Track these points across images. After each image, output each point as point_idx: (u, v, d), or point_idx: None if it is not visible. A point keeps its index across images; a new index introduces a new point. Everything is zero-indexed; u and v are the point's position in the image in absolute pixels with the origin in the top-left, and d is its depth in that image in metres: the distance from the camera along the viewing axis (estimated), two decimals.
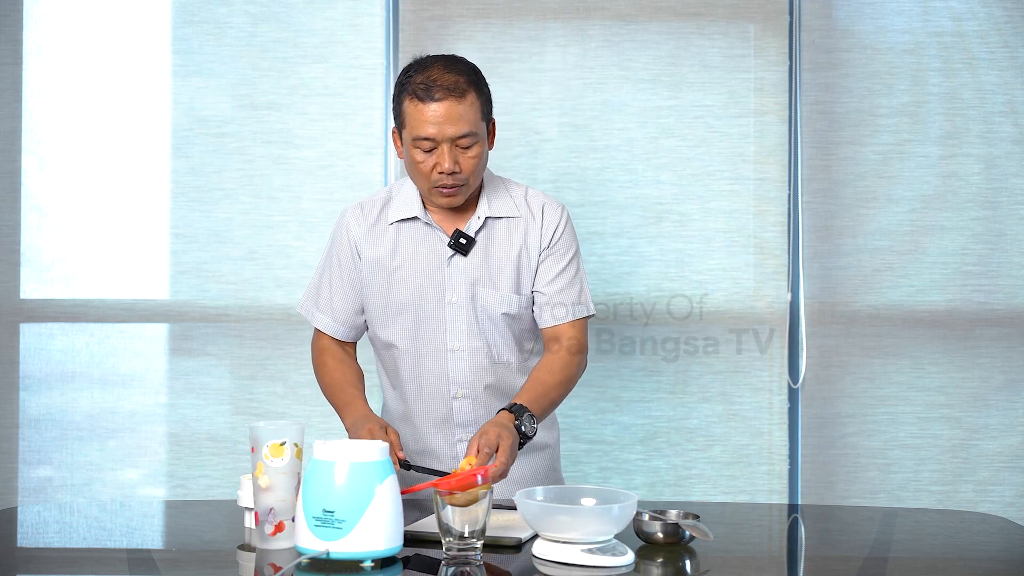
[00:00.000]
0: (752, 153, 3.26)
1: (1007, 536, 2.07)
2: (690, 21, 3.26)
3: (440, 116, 2.14)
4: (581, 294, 2.33)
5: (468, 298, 2.26)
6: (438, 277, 2.27)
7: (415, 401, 2.31)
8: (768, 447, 3.26)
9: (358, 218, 2.32)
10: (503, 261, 2.28)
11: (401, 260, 2.28)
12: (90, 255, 3.28)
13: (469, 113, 2.17)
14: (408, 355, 2.30)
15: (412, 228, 2.29)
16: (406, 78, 2.19)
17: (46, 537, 2.06)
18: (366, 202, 2.35)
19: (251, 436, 1.81)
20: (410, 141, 2.18)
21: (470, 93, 2.18)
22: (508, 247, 2.29)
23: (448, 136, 2.15)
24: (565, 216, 2.34)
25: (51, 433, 3.27)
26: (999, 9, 3.26)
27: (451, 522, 1.73)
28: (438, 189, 2.20)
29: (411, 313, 2.27)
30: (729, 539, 1.97)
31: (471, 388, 2.28)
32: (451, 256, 2.27)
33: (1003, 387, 3.27)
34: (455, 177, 2.18)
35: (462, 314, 2.27)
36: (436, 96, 2.14)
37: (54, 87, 3.28)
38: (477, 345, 2.27)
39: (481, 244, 2.28)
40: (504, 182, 2.35)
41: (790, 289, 3.26)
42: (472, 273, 2.27)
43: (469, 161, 2.19)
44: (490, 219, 2.29)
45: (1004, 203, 3.27)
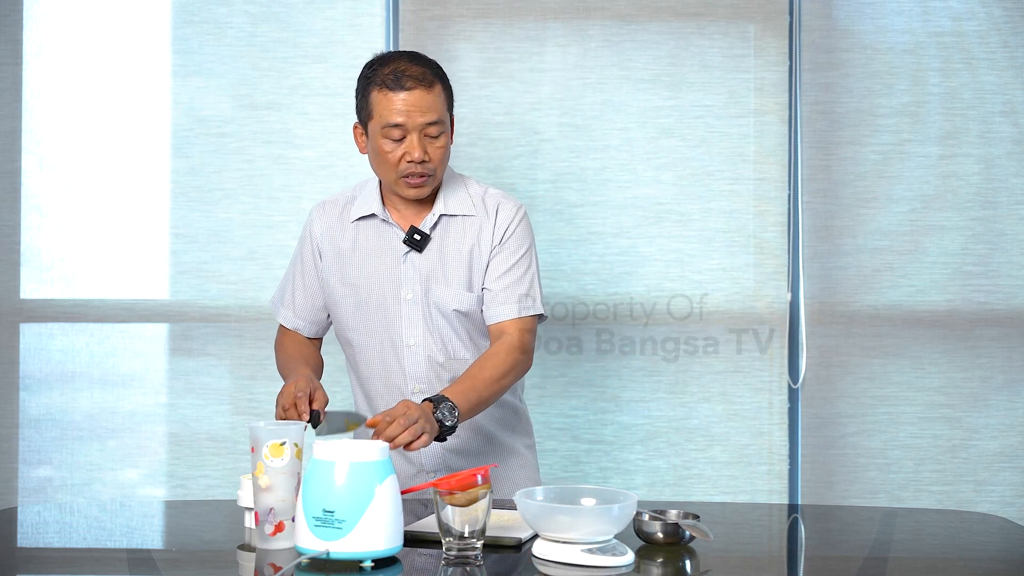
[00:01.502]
0: (752, 153, 3.26)
1: (1007, 536, 2.07)
2: (690, 21, 3.26)
3: (410, 104, 2.19)
4: (530, 292, 2.31)
5: (422, 294, 2.29)
6: (394, 274, 2.29)
7: (377, 397, 2.33)
8: (768, 447, 3.26)
9: (320, 216, 2.37)
10: (456, 258, 2.30)
11: (359, 257, 2.31)
12: (90, 255, 3.28)
13: (437, 103, 2.21)
14: (367, 351, 2.32)
15: (370, 226, 2.33)
16: (371, 71, 2.23)
17: (46, 537, 2.06)
18: (329, 201, 2.39)
19: (251, 436, 1.81)
20: (378, 131, 2.21)
21: (437, 84, 2.22)
22: (461, 244, 2.30)
23: (418, 124, 2.19)
24: (520, 214, 2.34)
25: (51, 433, 3.27)
26: (999, 9, 3.26)
27: (451, 522, 1.72)
28: (406, 180, 2.23)
29: (368, 310, 2.30)
30: (729, 539, 1.97)
31: (428, 384, 2.29)
32: (406, 253, 2.29)
33: (1003, 387, 3.27)
34: (424, 166, 2.22)
35: (417, 310, 2.29)
36: (406, 85, 2.18)
37: (54, 87, 3.28)
38: (432, 341, 2.29)
39: (436, 241, 2.30)
40: (464, 180, 2.36)
41: (790, 289, 3.26)
42: (426, 270, 2.29)
43: (437, 151, 2.23)
44: (445, 216, 2.31)
45: (1004, 203, 3.27)
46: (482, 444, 2.36)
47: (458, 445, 2.32)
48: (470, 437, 2.34)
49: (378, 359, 2.32)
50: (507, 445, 2.39)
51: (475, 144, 3.23)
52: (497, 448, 2.37)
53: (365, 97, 2.24)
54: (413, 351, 2.30)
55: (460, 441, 2.32)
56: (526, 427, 2.45)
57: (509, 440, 2.39)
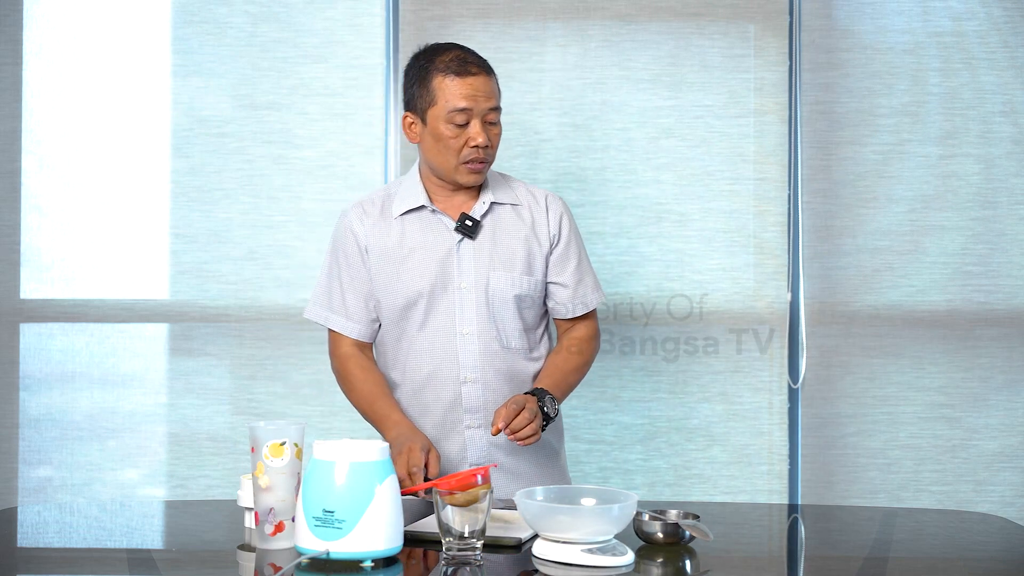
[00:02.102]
0: (752, 153, 3.26)
1: (1007, 536, 2.07)
2: (690, 21, 3.27)
3: (476, 89, 2.25)
4: (594, 284, 2.42)
5: (478, 282, 2.30)
6: (448, 263, 2.31)
7: (424, 387, 2.32)
8: (768, 447, 3.26)
9: (360, 216, 2.36)
10: (513, 243, 2.33)
11: (409, 249, 2.32)
12: (90, 255, 3.28)
13: (496, 89, 2.29)
14: (420, 342, 2.31)
15: (418, 218, 2.34)
16: (427, 61, 2.27)
17: (46, 537, 2.06)
18: (365, 200, 2.39)
19: (251, 436, 1.81)
20: (443, 117, 2.25)
21: (494, 73, 2.31)
22: (516, 230, 2.34)
23: (483, 109, 2.25)
24: (566, 207, 2.43)
25: (51, 433, 3.27)
26: (999, 9, 3.26)
27: (451, 522, 1.72)
28: (467, 165, 2.27)
29: (422, 300, 2.30)
30: (729, 539, 1.97)
31: (480, 372, 2.30)
32: (459, 241, 2.31)
33: (1003, 387, 3.27)
34: (485, 152, 2.27)
35: (471, 298, 2.30)
36: (472, 71, 2.25)
37: (54, 87, 3.28)
38: (487, 329, 2.31)
39: (488, 228, 2.33)
40: (504, 176, 2.42)
41: (790, 289, 3.26)
42: (482, 257, 2.31)
43: (496, 137, 2.30)
44: (495, 204, 2.35)
45: (1004, 203, 3.27)
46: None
47: (505, 441, 2.31)
48: None
49: (429, 350, 2.31)
50: (548, 443, 2.39)
51: None
52: (538, 447, 2.35)
53: (425, 85, 2.27)
54: (467, 339, 2.30)
55: (503, 437, 2.30)
56: (561, 428, 2.48)
57: (549, 438, 2.39)
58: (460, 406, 2.31)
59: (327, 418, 3.25)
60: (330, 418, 3.25)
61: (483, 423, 2.31)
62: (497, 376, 2.31)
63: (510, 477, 2.32)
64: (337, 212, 3.24)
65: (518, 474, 2.33)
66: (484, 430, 2.31)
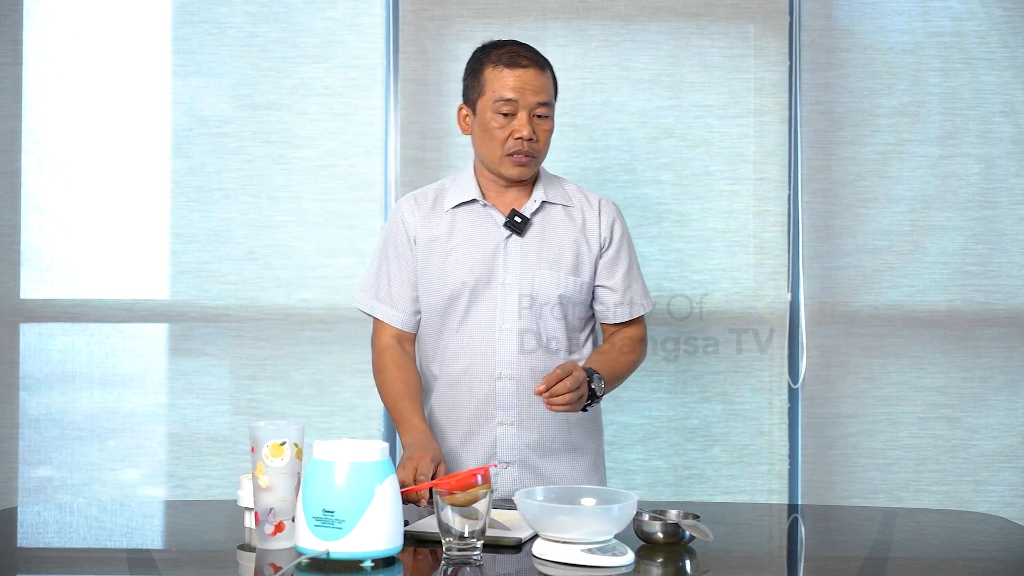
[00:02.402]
0: (752, 153, 3.26)
1: (1007, 536, 2.07)
2: (690, 21, 3.27)
3: (524, 81, 2.27)
4: (643, 290, 2.42)
5: (523, 279, 2.30)
6: (494, 258, 2.31)
7: (460, 381, 2.32)
8: (768, 447, 3.26)
9: (412, 208, 2.38)
10: (561, 243, 2.33)
11: (457, 242, 2.33)
12: (90, 255, 3.28)
13: (547, 85, 2.31)
14: (459, 335, 2.31)
15: (469, 211, 2.35)
16: (483, 53, 2.33)
17: (46, 537, 2.06)
18: (419, 194, 2.42)
19: (251, 436, 1.81)
20: (489, 106, 2.28)
21: (548, 69, 2.33)
22: (566, 230, 2.34)
23: (529, 102, 2.27)
24: (620, 212, 2.42)
25: (51, 433, 3.27)
26: (998, 9, 3.26)
27: (451, 522, 1.72)
28: (511, 157, 2.28)
29: (465, 293, 2.30)
30: (729, 539, 1.97)
31: (516, 369, 2.29)
32: (507, 237, 2.32)
33: (1003, 387, 3.27)
34: (530, 145, 2.28)
35: (514, 295, 2.30)
36: (522, 63, 2.28)
37: (54, 87, 3.28)
38: (527, 327, 2.30)
39: (537, 226, 2.33)
40: (558, 178, 2.43)
41: (790, 289, 3.26)
42: (529, 255, 2.31)
43: (544, 132, 2.31)
44: (546, 203, 2.36)
45: (1003, 203, 3.27)
46: (559, 443, 2.34)
47: (537, 441, 2.31)
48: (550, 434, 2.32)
49: (468, 343, 2.31)
50: (580, 446, 2.37)
51: None
52: (570, 448, 2.35)
53: (477, 76, 2.31)
54: (506, 335, 2.29)
55: (540, 437, 2.31)
56: (599, 430, 2.44)
57: (583, 441, 2.37)
58: (493, 402, 2.30)
59: (327, 418, 3.25)
60: (330, 418, 3.25)
61: (515, 421, 2.30)
62: (533, 375, 2.29)
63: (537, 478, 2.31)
64: (337, 212, 3.27)
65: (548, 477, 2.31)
66: (516, 428, 2.30)
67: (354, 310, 3.30)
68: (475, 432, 2.32)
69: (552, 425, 2.32)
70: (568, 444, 2.34)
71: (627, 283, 2.38)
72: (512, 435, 2.30)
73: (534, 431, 2.30)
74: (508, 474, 2.30)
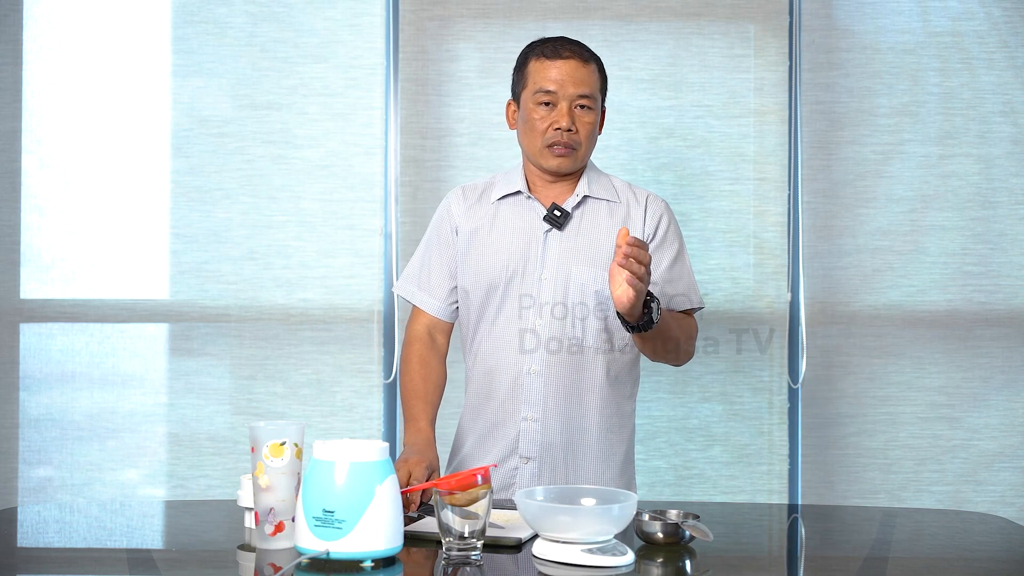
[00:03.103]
0: (752, 153, 3.26)
1: (1007, 536, 2.07)
2: (690, 21, 3.27)
3: (565, 73, 2.27)
4: (688, 286, 2.35)
5: (559, 273, 2.28)
6: (532, 251, 2.30)
7: (492, 373, 2.31)
8: (768, 447, 3.26)
9: (459, 198, 2.39)
10: (600, 239, 2.30)
11: (498, 233, 2.32)
12: (90, 255, 3.28)
13: (590, 78, 2.30)
14: (494, 327, 2.30)
15: (512, 203, 2.35)
16: (530, 48, 2.33)
17: (46, 537, 2.06)
18: (468, 186, 2.42)
19: (251, 436, 1.81)
20: (531, 97, 2.28)
21: (593, 63, 2.31)
22: (607, 227, 2.31)
23: (569, 94, 2.26)
24: (669, 210, 2.37)
25: (51, 433, 3.27)
26: (998, 10, 3.26)
27: (451, 522, 1.72)
28: (551, 148, 2.27)
29: (501, 284, 2.29)
30: (729, 539, 1.97)
31: (544, 365, 2.27)
32: (547, 231, 2.30)
33: (1003, 387, 3.27)
34: (570, 136, 2.26)
35: (549, 289, 2.28)
36: (564, 55, 2.28)
37: (54, 87, 3.28)
38: (560, 323, 2.27)
39: (577, 221, 2.31)
40: (608, 175, 2.40)
41: (790, 289, 3.26)
42: (567, 249, 2.29)
43: (585, 125, 2.29)
44: (589, 198, 2.33)
45: (1003, 203, 3.27)
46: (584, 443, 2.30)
47: (560, 439, 2.28)
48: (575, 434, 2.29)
49: (501, 335, 2.30)
50: (607, 449, 2.32)
51: (475, 144, 3.23)
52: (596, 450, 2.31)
53: (522, 70, 2.32)
54: (537, 331, 2.28)
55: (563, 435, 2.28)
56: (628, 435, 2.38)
57: (609, 444, 2.33)
58: (520, 396, 2.28)
59: (327, 418, 3.25)
60: (330, 418, 3.25)
61: (540, 417, 2.27)
62: (562, 372, 2.27)
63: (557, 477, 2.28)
64: (337, 212, 3.27)
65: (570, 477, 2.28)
66: (540, 424, 2.27)
67: (354, 310, 3.31)
68: (500, 424, 2.30)
69: (577, 424, 2.28)
70: (593, 445, 2.30)
71: (669, 277, 2.31)
72: (535, 431, 2.27)
73: (558, 429, 2.27)
74: (528, 470, 2.27)
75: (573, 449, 2.29)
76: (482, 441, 2.32)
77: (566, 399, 2.27)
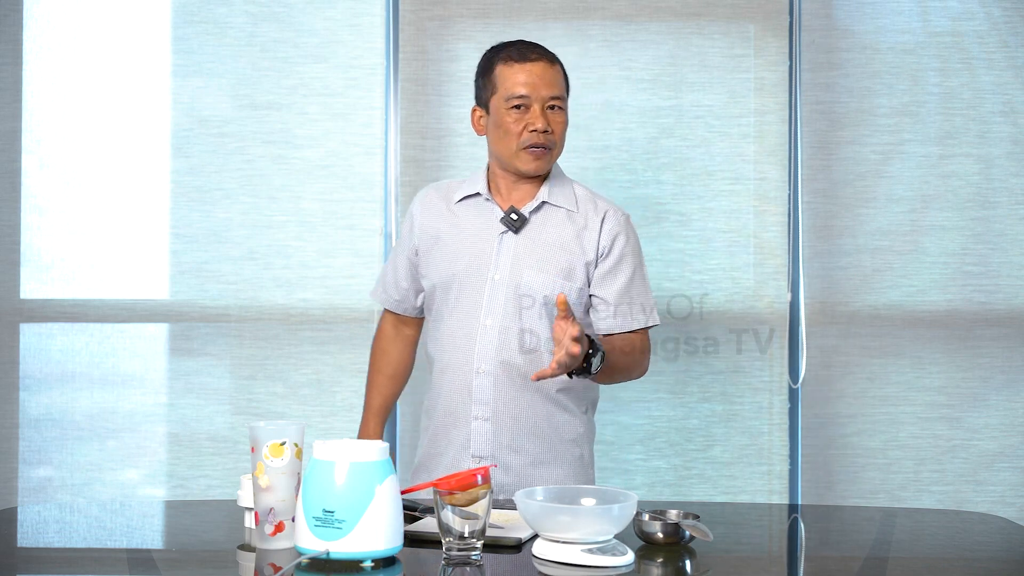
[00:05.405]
0: (752, 153, 3.26)
1: (1007, 536, 2.07)
2: (690, 21, 3.27)
3: (536, 75, 2.28)
4: (643, 306, 2.35)
5: (511, 277, 2.30)
6: (486, 253, 2.32)
7: (445, 371, 2.34)
8: (768, 447, 3.26)
9: (423, 199, 2.44)
10: (555, 247, 2.31)
11: (457, 234, 2.35)
12: (90, 255, 3.28)
13: (558, 79, 2.31)
14: (448, 325, 2.34)
15: (472, 205, 2.38)
16: (494, 53, 2.34)
17: (46, 537, 2.06)
18: (434, 185, 2.48)
19: (251, 436, 1.81)
20: (502, 102, 2.29)
21: (559, 63, 2.34)
22: (562, 235, 2.32)
23: (542, 96, 2.28)
24: (629, 225, 2.37)
25: (51, 433, 3.27)
26: (997, 10, 3.26)
27: (451, 522, 1.73)
28: (527, 151, 2.29)
29: (455, 284, 2.33)
30: (729, 539, 1.97)
31: (493, 366, 2.29)
32: (502, 233, 2.33)
33: (1003, 387, 3.27)
34: (546, 137, 2.28)
35: (501, 291, 2.30)
36: (531, 57, 2.30)
37: (54, 87, 3.28)
38: (510, 325, 2.29)
39: (534, 226, 2.33)
40: (571, 181, 2.41)
41: (790, 289, 3.26)
42: (520, 253, 2.31)
43: (558, 124, 2.31)
44: (548, 204, 2.35)
45: (1004, 203, 3.27)
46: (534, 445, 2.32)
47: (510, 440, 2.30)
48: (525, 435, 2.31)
49: (453, 335, 2.33)
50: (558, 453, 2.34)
51: (475, 144, 3.23)
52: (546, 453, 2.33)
53: (488, 75, 2.33)
54: (488, 331, 2.30)
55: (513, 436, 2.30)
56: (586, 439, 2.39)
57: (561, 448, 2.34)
58: (470, 396, 2.30)
59: (327, 418, 3.25)
60: (330, 418, 3.25)
61: (490, 416, 2.29)
62: (510, 373, 2.29)
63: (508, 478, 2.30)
64: (337, 212, 3.27)
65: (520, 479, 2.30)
66: (491, 423, 2.30)
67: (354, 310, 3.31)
68: (452, 425, 2.33)
69: (527, 425, 2.30)
70: (544, 448, 2.32)
71: (624, 297, 2.32)
72: (487, 431, 2.30)
73: (508, 428, 2.30)
74: None
75: (525, 449, 2.31)
76: (436, 440, 2.36)
77: (516, 399, 2.30)
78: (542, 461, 2.32)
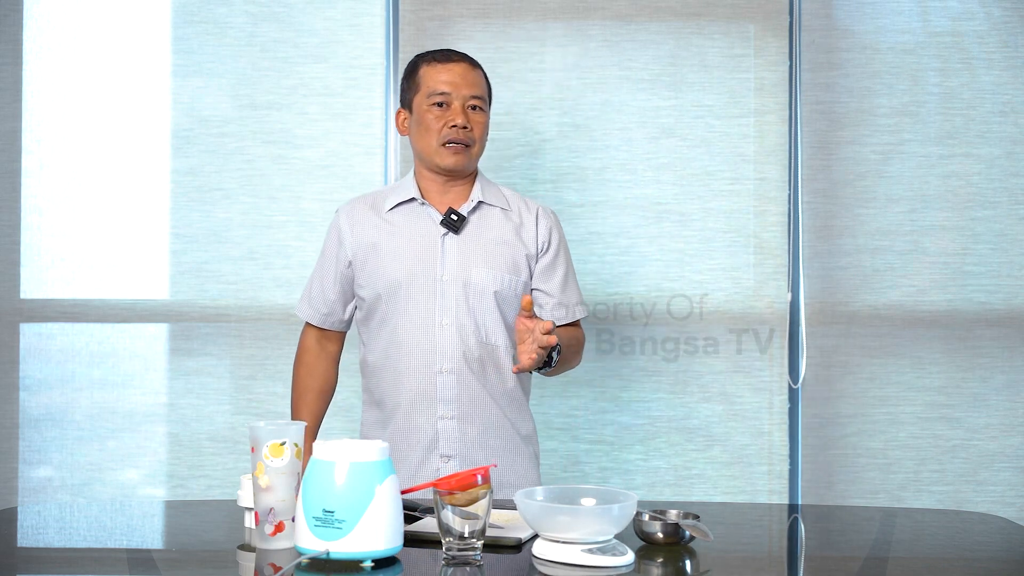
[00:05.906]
0: (752, 153, 3.26)
1: (1007, 536, 2.07)
2: (690, 21, 3.27)
3: (457, 75, 2.36)
4: (579, 298, 2.49)
5: (459, 275, 2.35)
6: (431, 255, 2.36)
7: (403, 375, 2.35)
8: (768, 447, 3.26)
9: (348, 212, 2.45)
10: (497, 242, 2.39)
11: (395, 241, 2.38)
12: (90, 255, 3.28)
13: (480, 82, 2.39)
14: (400, 329, 2.35)
15: (407, 210, 2.41)
16: (419, 57, 2.43)
17: (46, 537, 2.06)
18: (356, 199, 2.50)
19: (251, 436, 1.81)
20: (424, 100, 2.36)
21: (481, 69, 2.43)
22: (502, 230, 2.40)
23: (463, 94, 2.35)
24: (559, 221, 2.50)
25: (51, 433, 3.27)
26: (998, 9, 3.26)
27: (451, 522, 1.73)
28: (447, 146, 2.34)
29: (404, 290, 2.35)
30: (729, 539, 1.97)
31: (456, 363, 2.34)
32: (444, 234, 2.37)
33: (1003, 387, 3.27)
34: (465, 133, 2.34)
35: (452, 291, 2.35)
36: (454, 59, 2.38)
37: (54, 87, 3.28)
38: (466, 322, 2.35)
39: (474, 225, 2.39)
40: (495, 184, 2.50)
41: (790, 289, 3.26)
42: (465, 252, 2.36)
43: (478, 124, 2.37)
44: (483, 204, 2.42)
45: (1004, 203, 3.27)
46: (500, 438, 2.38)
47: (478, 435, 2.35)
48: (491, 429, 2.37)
49: (408, 338, 2.35)
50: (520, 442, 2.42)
51: None
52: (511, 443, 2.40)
53: (412, 77, 2.40)
54: (445, 330, 2.34)
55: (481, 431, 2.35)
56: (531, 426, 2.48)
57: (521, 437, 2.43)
58: (435, 396, 2.34)
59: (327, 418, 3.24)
60: (330, 418, 3.24)
61: (456, 415, 2.34)
62: (472, 369, 2.35)
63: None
64: None
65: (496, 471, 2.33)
66: (457, 422, 2.34)
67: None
68: (418, 427, 2.35)
69: (492, 421, 2.37)
70: (508, 441, 2.39)
71: (563, 288, 2.45)
72: (454, 429, 2.34)
73: (475, 425, 2.35)
74: (450, 468, 2.34)
75: (491, 445, 2.36)
76: (394, 446, 2.34)
77: (479, 395, 2.35)
78: (507, 453, 2.38)
